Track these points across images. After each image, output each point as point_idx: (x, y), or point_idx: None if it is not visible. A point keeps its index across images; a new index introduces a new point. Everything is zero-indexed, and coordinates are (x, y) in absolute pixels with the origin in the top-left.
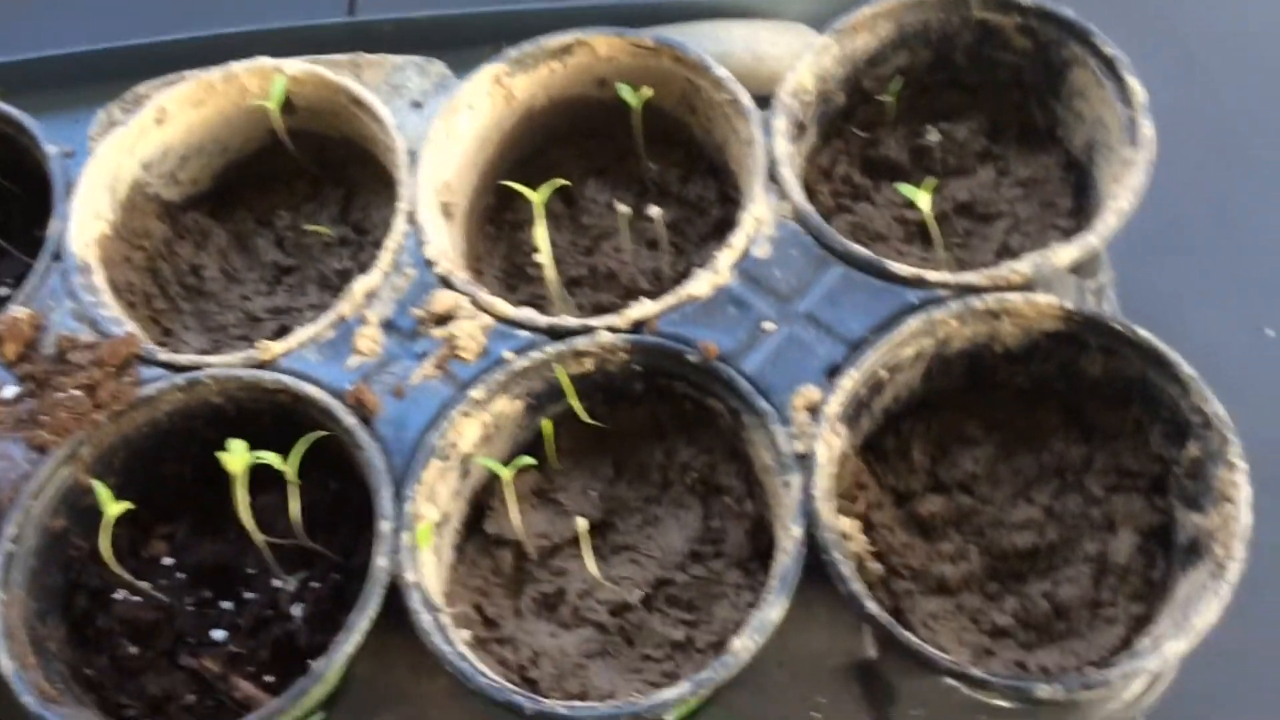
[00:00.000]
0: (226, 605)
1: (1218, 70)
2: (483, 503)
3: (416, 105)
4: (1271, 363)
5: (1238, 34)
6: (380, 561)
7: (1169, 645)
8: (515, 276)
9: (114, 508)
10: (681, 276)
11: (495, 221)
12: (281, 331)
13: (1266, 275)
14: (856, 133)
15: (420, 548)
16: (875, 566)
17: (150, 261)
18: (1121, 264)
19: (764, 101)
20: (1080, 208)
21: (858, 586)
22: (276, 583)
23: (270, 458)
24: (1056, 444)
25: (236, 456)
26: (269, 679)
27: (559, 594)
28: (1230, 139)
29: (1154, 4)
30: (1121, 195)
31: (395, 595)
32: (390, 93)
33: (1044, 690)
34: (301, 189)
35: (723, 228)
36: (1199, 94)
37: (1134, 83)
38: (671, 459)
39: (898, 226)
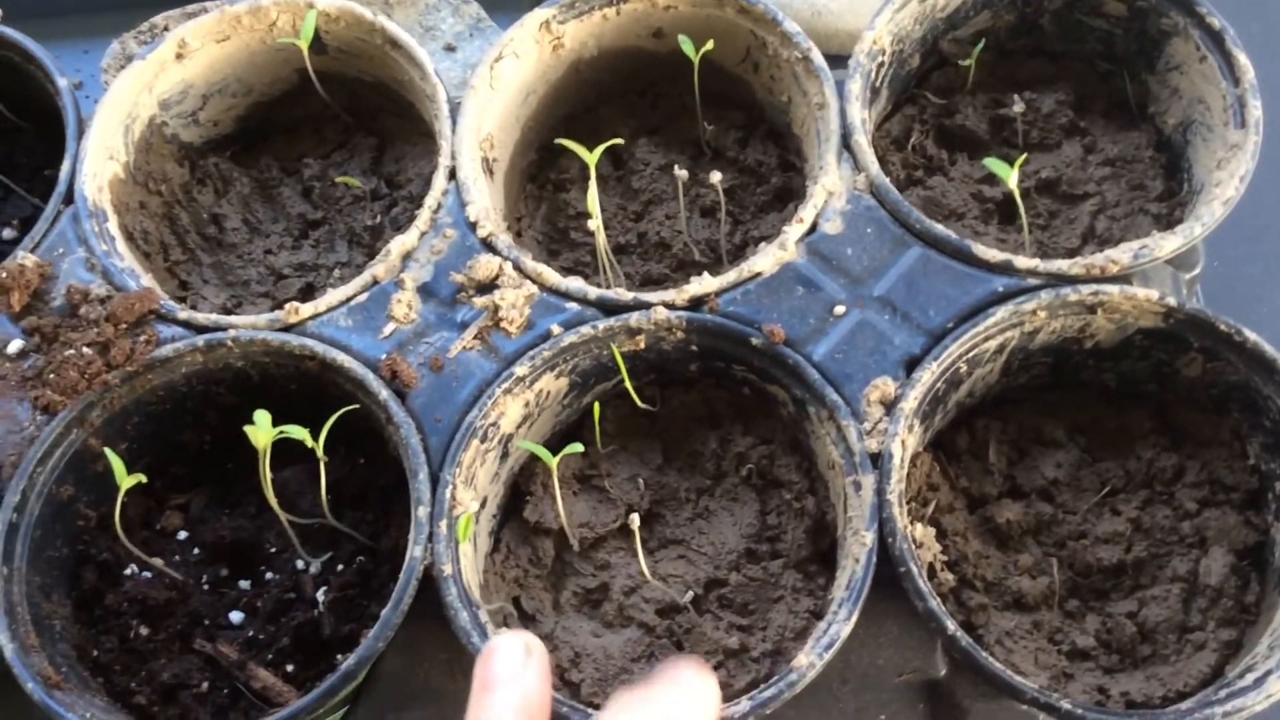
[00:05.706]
0: (245, 585)
1: None
2: (521, 486)
3: (450, 49)
4: None
5: None
6: (415, 551)
7: (1274, 682)
8: (557, 240)
9: (127, 479)
10: (738, 248)
11: (537, 180)
12: (307, 290)
13: None
14: (932, 99)
15: (460, 541)
16: (948, 577)
17: (167, 208)
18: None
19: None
20: (1171, 192)
21: (935, 604)
22: (299, 564)
23: (298, 433)
24: (1145, 451)
25: (262, 431)
26: (289, 668)
27: (603, 589)
28: None
29: None
30: (1228, 183)
31: (429, 586)
32: (422, 35)
33: None
34: (331, 136)
35: (783, 196)
36: None
37: (1243, 58)
38: (726, 448)
39: (974, 203)
